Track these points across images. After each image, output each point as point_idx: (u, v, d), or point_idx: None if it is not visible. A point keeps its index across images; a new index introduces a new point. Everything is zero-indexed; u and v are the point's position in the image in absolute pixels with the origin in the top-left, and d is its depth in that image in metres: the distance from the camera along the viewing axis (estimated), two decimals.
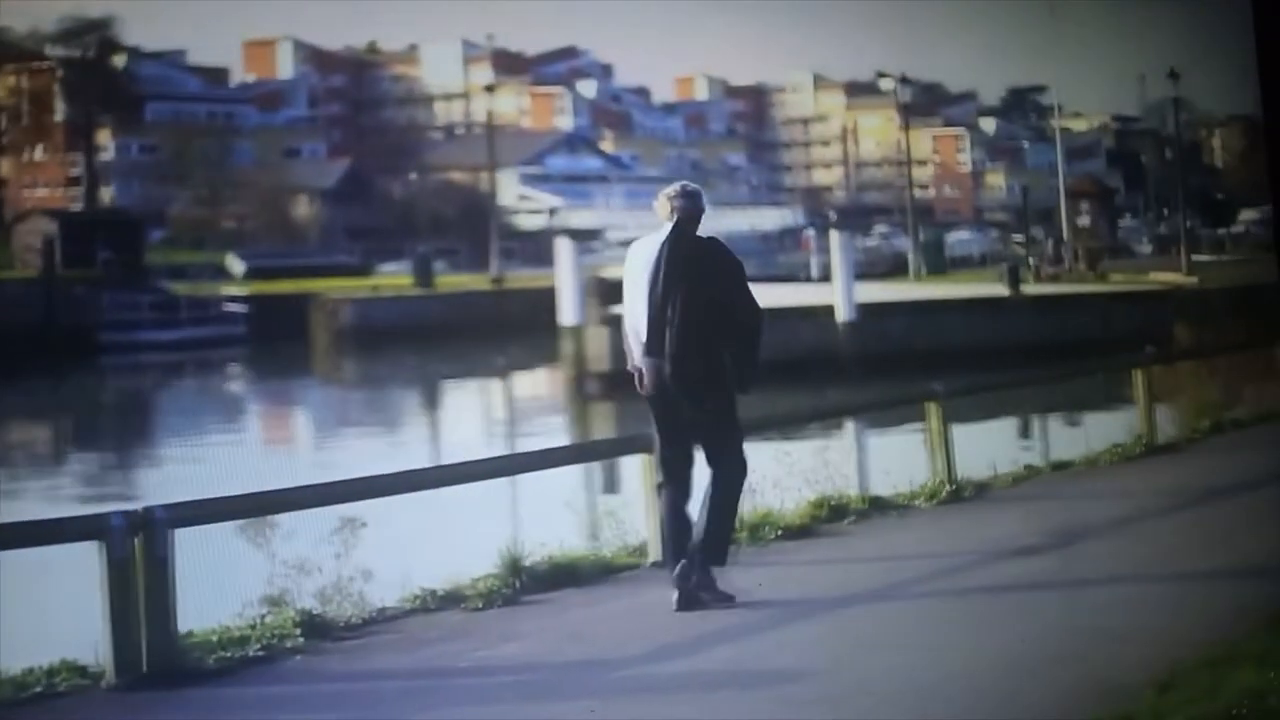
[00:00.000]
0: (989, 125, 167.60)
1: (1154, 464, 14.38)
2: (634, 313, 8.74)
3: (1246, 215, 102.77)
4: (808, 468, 13.07)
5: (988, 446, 16.15)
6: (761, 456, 13.94)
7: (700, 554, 8.82)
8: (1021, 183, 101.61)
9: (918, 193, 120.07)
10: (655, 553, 10.46)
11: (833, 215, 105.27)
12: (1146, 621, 8.49)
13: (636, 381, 8.82)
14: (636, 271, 8.74)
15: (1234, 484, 12.90)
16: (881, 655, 8.09)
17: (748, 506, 11.69)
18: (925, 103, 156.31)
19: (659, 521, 9.34)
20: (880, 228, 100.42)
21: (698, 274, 8.66)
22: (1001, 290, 47.23)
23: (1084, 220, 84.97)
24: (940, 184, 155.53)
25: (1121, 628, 8.36)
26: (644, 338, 8.65)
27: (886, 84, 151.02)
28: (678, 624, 8.87)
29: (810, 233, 77.80)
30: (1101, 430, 16.34)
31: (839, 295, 42.07)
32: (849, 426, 24.44)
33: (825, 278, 48.68)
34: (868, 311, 42.00)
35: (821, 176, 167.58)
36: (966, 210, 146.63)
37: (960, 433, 14.03)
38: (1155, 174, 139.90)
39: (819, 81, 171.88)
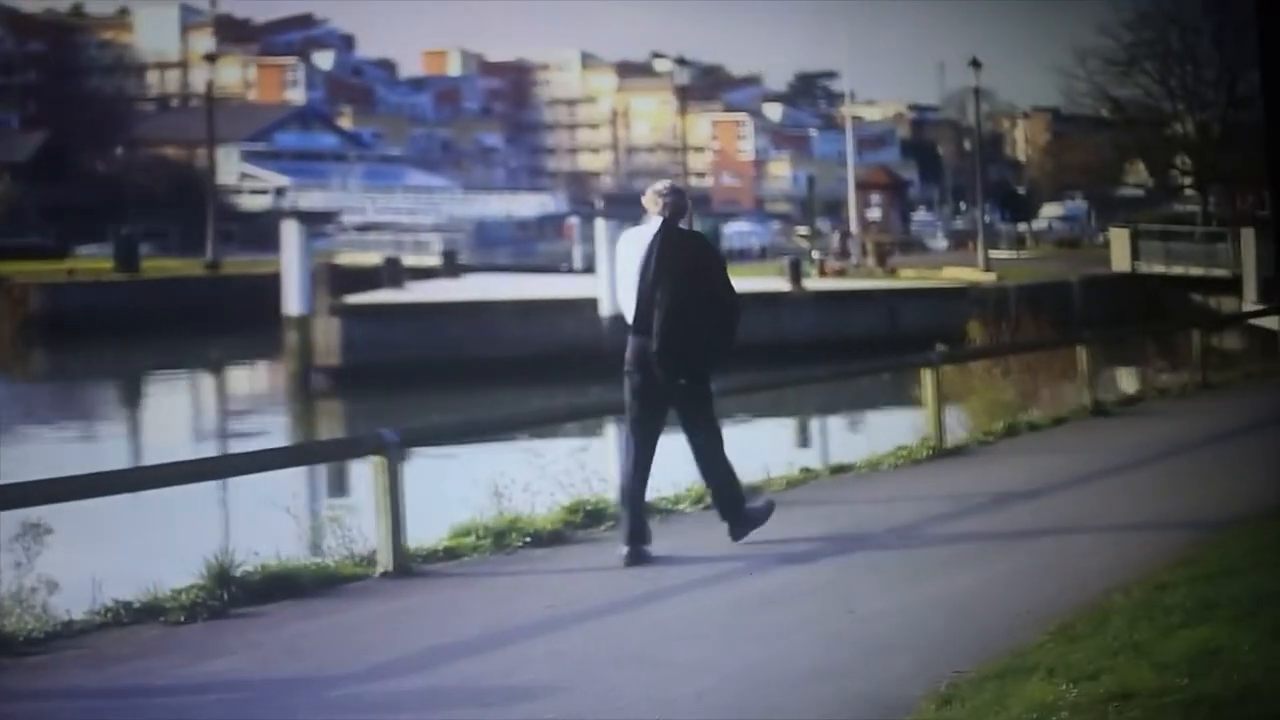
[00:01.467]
0: (774, 111, 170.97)
1: (941, 468, 14.74)
2: (623, 299, 10.61)
3: (1049, 210, 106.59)
4: (562, 470, 13.12)
5: (762, 448, 16.41)
6: (509, 458, 13.99)
7: (728, 506, 11.00)
8: (808, 172, 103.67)
9: (694, 181, 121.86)
10: (386, 562, 10.39)
11: (599, 203, 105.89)
12: (926, 631, 8.69)
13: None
14: (628, 260, 10.50)
15: (1026, 490, 13.32)
16: (634, 670, 8.14)
17: (492, 512, 11.75)
18: (705, 86, 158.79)
19: (620, 486, 10.91)
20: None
21: (684, 263, 10.38)
22: (783, 285, 48.05)
23: (874, 213, 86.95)
24: (719, 172, 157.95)
25: (898, 638, 8.57)
26: (632, 317, 10.47)
27: (662, 65, 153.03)
28: (406, 638, 8.83)
29: (574, 221, 78.09)
30: (886, 432, 16.72)
31: (604, 288, 42.29)
32: (610, 426, 24.58)
33: (589, 269, 48.94)
34: None
35: (588, 161, 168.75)
36: (747, 200, 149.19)
37: (733, 433, 14.21)
38: (953, 166, 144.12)
39: (588, 60, 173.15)
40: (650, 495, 12.65)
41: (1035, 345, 23.68)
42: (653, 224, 10.54)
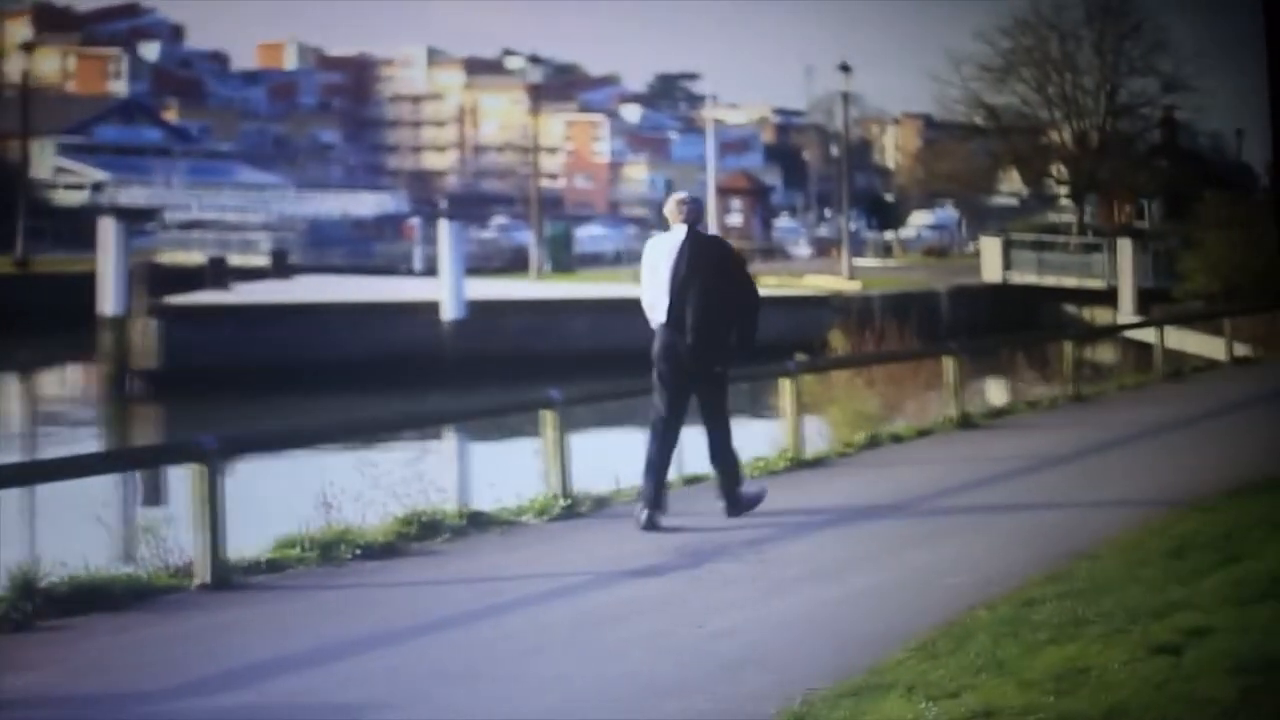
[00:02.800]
0: (632, 113, 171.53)
1: (799, 480, 14.87)
2: (653, 297, 12.30)
3: (918, 218, 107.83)
4: (397, 480, 13.08)
5: (613, 458, 16.41)
6: (340, 467, 13.90)
7: (728, 487, 12.70)
8: (666, 176, 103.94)
9: (546, 182, 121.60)
10: (204, 574, 10.28)
11: (443, 203, 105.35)
12: (780, 647, 8.75)
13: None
14: (654, 264, 12.33)
15: (887, 503, 13.46)
16: (473, 687, 8.12)
17: (320, 523, 11.68)
18: (559, 85, 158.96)
19: (645, 460, 12.43)
20: (499, 218, 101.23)
21: (709, 265, 12.19)
22: (637, 291, 48.02)
23: (735, 219, 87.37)
24: (572, 174, 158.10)
25: (751, 654, 8.62)
26: (662, 318, 12.17)
27: (514, 62, 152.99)
28: (225, 653, 8.75)
29: (415, 221, 77.74)
30: (743, 443, 16.76)
31: (446, 291, 42.19)
32: (450, 435, 24.59)
33: (431, 271, 48.77)
34: (479, 310, 42.27)
35: (432, 160, 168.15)
36: (601, 203, 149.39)
37: (583, 443, 14.23)
38: (819, 172, 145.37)
39: (434, 56, 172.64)
40: (492, 506, 12.73)
41: (900, 355, 23.92)
42: (677, 230, 12.35)
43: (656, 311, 12.35)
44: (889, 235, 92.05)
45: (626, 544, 11.79)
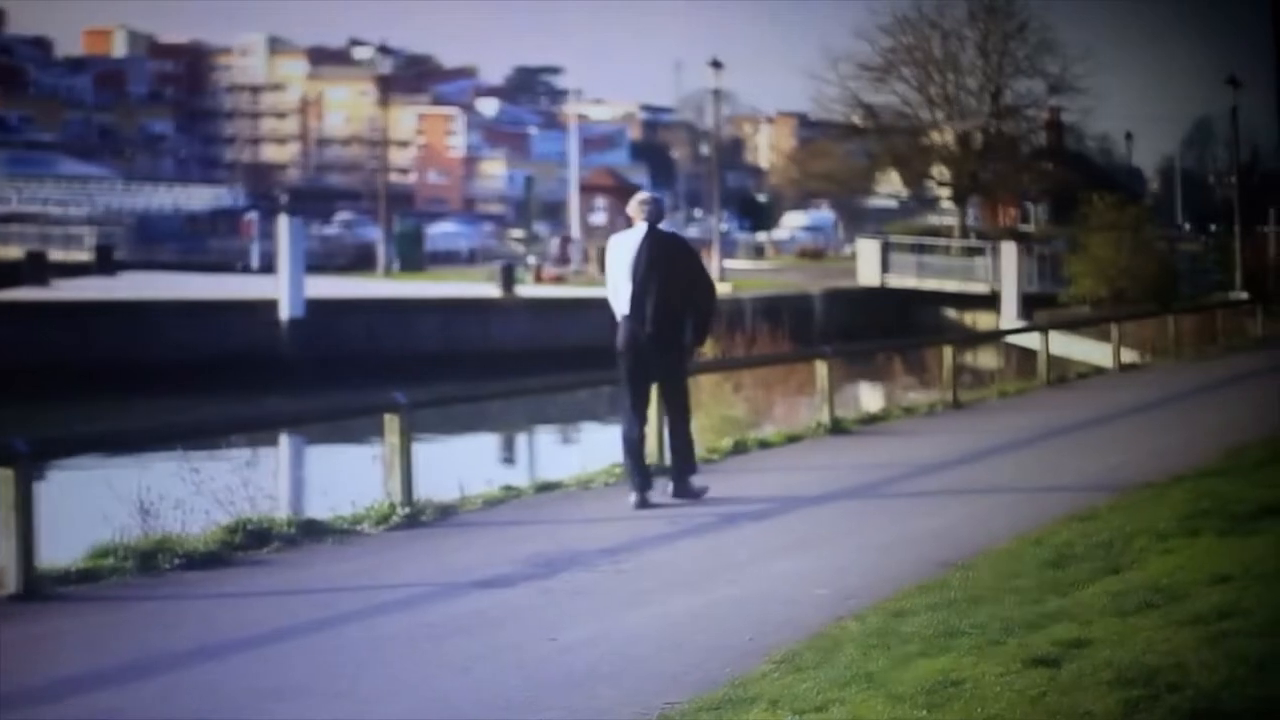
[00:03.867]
0: (489, 106, 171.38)
1: (662, 486, 14.80)
2: (616, 292, 13.92)
3: (793, 219, 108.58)
4: (224, 486, 12.94)
5: (461, 464, 16.38)
6: (162, 472, 13.71)
7: (678, 471, 14.15)
8: (526, 172, 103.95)
9: (396, 177, 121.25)
10: (14, 584, 10.16)
11: (283, 197, 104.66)
12: (635, 659, 8.73)
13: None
14: (617, 260, 13.94)
15: (751, 511, 13.50)
16: (304, 702, 8.03)
17: (138, 532, 11.52)
18: (411, 77, 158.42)
19: (623, 448, 14.00)
20: (344, 214, 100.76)
21: (668, 261, 13.82)
22: (492, 291, 48.12)
23: (599, 217, 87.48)
24: (425, 169, 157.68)
25: (604, 667, 8.60)
26: (625, 311, 13.76)
27: (363, 52, 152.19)
28: (36, 666, 8.62)
29: (253, 216, 77.20)
30: (603, 448, 16.80)
31: (284, 289, 41.90)
32: (285, 440, 24.35)
33: (269, 268, 48.46)
34: (320, 309, 42.00)
35: (272, 153, 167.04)
36: (455, 200, 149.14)
37: (430, 449, 14.15)
38: (688, 171, 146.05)
39: (276, 45, 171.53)
40: (327, 514, 12.63)
41: (770, 360, 24.04)
42: (639, 228, 13.87)
43: (619, 304, 13.90)
44: (762, 236, 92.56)
45: (473, 553, 11.74)
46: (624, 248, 13.98)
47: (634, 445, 13.95)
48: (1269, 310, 40.02)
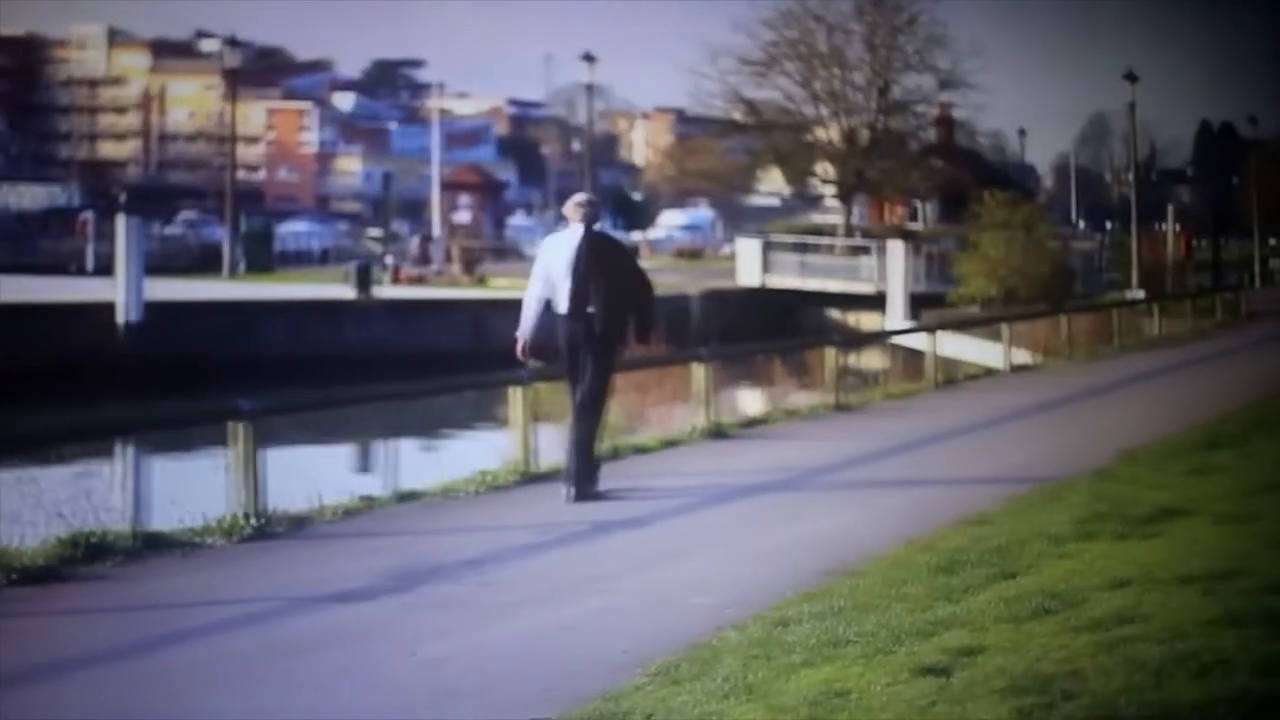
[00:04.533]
0: (345, 101, 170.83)
1: (529, 494, 15.00)
2: (552, 288, 14.77)
3: (670, 218, 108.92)
4: (61, 498, 12.84)
5: (317, 474, 16.31)
6: None
7: (581, 470, 14.70)
8: (384, 169, 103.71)
9: (244, 175, 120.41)
10: None
11: (121, 196, 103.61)
12: (500, 674, 8.74)
13: (520, 350, 15.18)
14: (551, 261, 14.88)
15: (624, 518, 13.54)
16: None
17: None
18: (261, 70, 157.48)
19: (568, 448, 14.91)
20: (187, 213, 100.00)
21: (608, 261, 14.89)
22: (347, 292, 47.93)
23: (463, 215, 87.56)
24: (275, 166, 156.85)
25: (467, 683, 8.61)
26: (566, 307, 14.69)
27: (210, 45, 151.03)
28: None
29: (88, 216, 76.41)
30: (468, 456, 16.81)
31: (122, 291, 41.49)
32: (125, 449, 24.08)
33: (106, 270, 47.99)
34: (161, 312, 41.63)
35: (111, 149, 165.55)
36: (308, 197, 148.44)
37: (284, 458, 14.07)
38: (559, 168, 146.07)
39: (116, 37, 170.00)
40: (172, 526, 12.54)
41: (645, 362, 23.96)
42: (575, 230, 14.87)
43: (558, 304, 14.81)
44: (637, 236, 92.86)
45: (328, 566, 11.68)
46: (561, 248, 14.94)
47: (576, 441, 14.77)
48: (1167, 310, 40.57)
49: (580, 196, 15.58)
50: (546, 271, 14.87)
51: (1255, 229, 75.97)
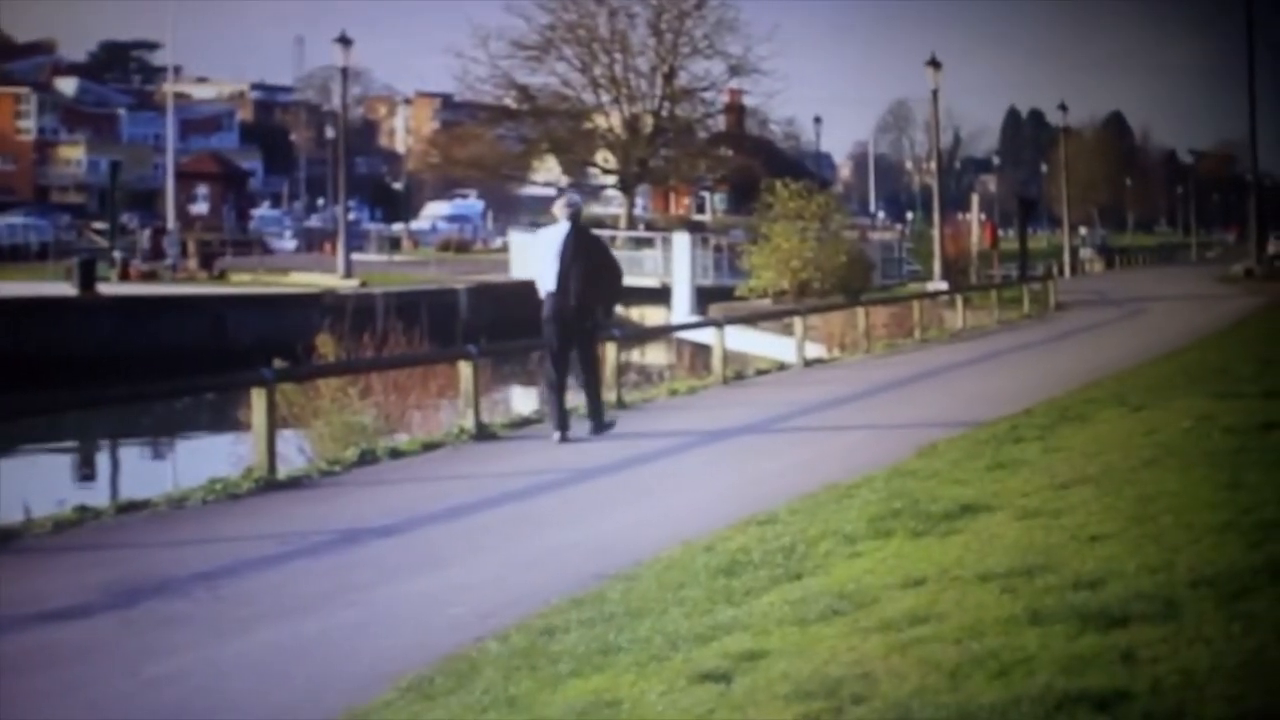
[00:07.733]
0: (69, 85, 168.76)
1: (269, 502, 14.89)
2: (543, 274, 19.44)
3: (434, 209, 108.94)
4: None
5: (30, 484, 16.10)
6: None
7: (595, 418, 19.55)
8: (112, 158, 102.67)
9: None
10: None
11: None
12: (232, 694, 8.70)
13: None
14: (545, 249, 19.48)
15: (381, 526, 13.49)
16: None
17: None
18: None
19: (547, 392, 19.53)
20: None
21: (587, 252, 19.49)
22: (68, 289, 47.38)
23: (200, 207, 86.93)
24: None
25: (196, 703, 8.57)
26: (552, 288, 19.23)
27: None
28: None
29: None
30: (203, 462, 16.64)
31: None
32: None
33: None
34: None
35: None
36: (25, 188, 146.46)
37: None
38: (310, 156, 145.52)
39: None
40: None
41: (404, 361, 23.98)
42: (562, 225, 19.44)
43: (546, 283, 19.33)
44: (398, 227, 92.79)
45: (39, 581, 11.49)
46: (551, 240, 19.56)
47: (557, 392, 19.19)
48: (971, 302, 41.16)
49: (566, 198, 20.67)
50: (540, 258, 19.45)
51: (1065, 218, 77.40)
